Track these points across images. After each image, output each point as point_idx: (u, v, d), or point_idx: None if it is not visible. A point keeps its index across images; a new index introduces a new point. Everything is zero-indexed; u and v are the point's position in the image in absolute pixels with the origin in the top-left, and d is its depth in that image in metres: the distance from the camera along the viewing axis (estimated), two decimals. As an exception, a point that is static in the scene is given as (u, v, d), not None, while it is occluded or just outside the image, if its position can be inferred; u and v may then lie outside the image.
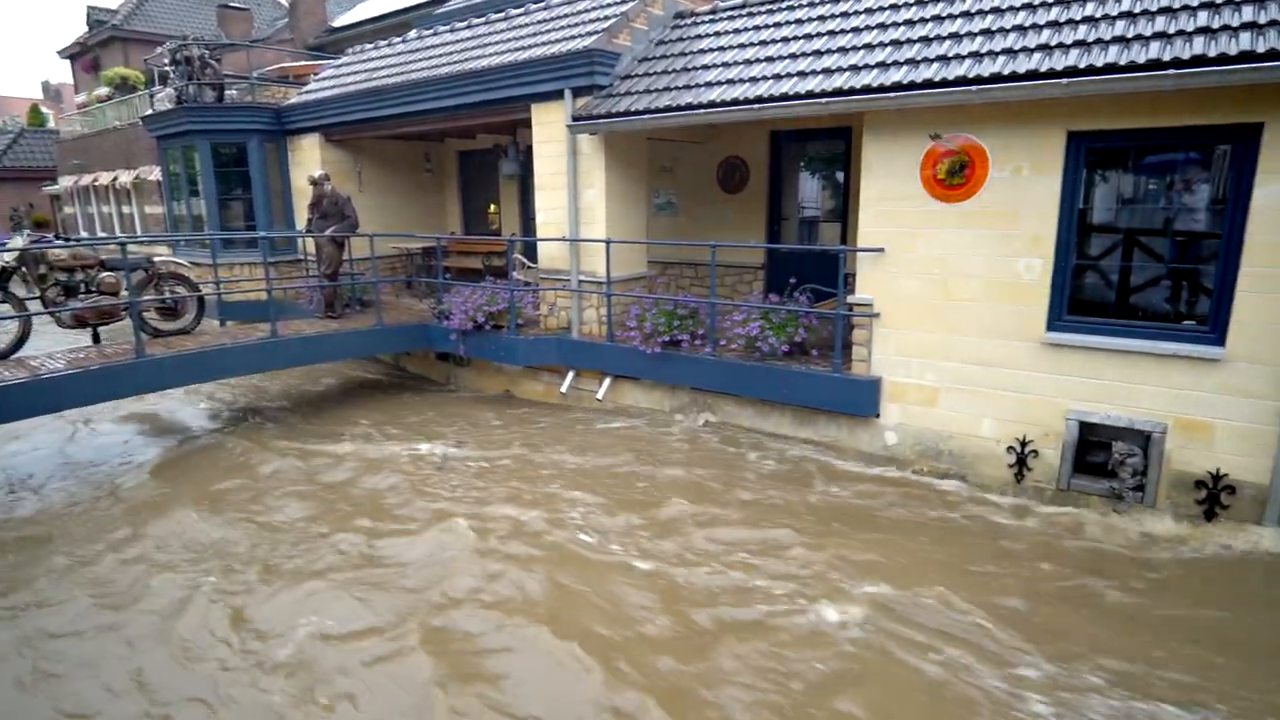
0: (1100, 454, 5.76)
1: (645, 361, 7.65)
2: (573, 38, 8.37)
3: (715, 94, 7.05)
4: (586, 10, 8.98)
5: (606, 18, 8.49)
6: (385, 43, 12.24)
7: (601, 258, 8.01)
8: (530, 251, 10.04)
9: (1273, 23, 4.89)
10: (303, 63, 16.30)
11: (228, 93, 12.33)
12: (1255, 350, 5.14)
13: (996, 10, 6.36)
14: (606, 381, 8.21)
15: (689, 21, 8.91)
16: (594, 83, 8.04)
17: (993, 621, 4.32)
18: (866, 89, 6.08)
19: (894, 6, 7.15)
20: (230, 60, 17.25)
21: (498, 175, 12.01)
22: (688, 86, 7.43)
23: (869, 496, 6.01)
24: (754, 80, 7.01)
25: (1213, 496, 5.38)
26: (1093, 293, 5.92)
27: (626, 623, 4.35)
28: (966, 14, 6.50)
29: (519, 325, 8.68)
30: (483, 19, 10.57)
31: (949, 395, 6.25)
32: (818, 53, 6.97)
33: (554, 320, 8.79)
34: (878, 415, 6.57)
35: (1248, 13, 5.08)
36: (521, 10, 10.07)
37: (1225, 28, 5.04)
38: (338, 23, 19.10)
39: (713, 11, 8.87)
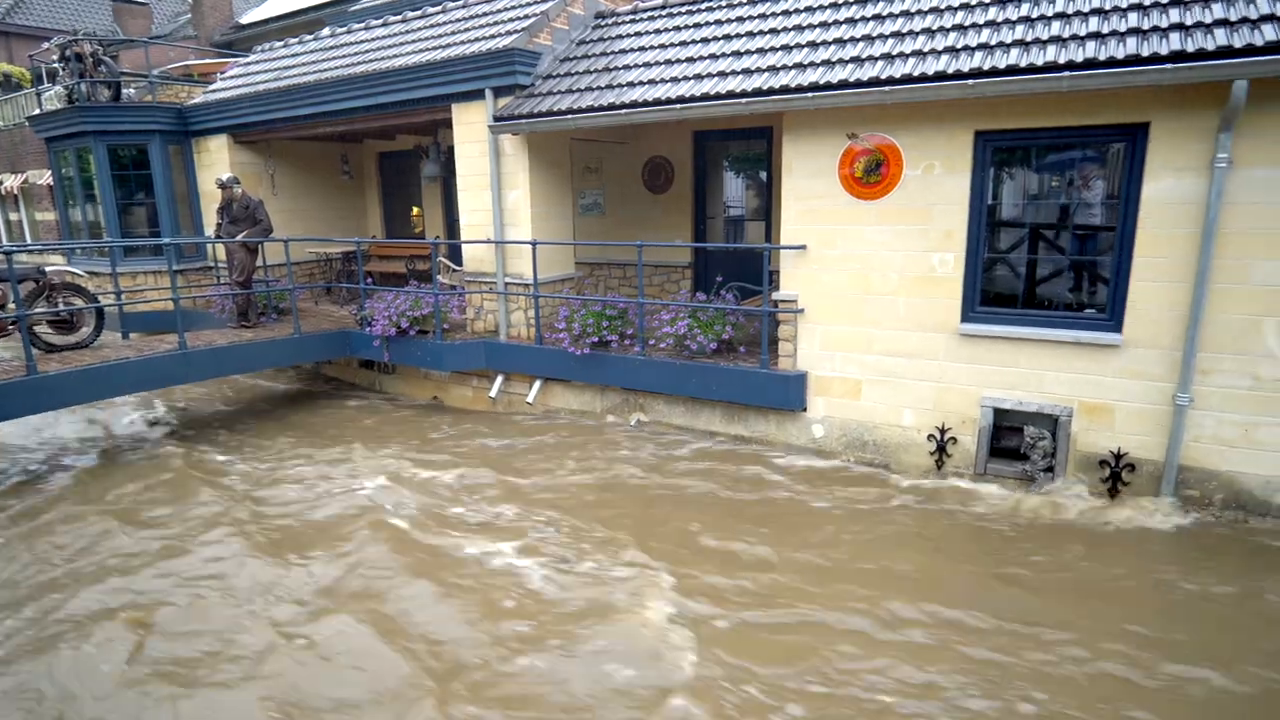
0: (1013, 438, 6.03)
1: (575, 363, 7.60)
2: (493, 37, 8.24)
3: (637, 94, 7.06)
4: (506, 9, 8.86)
5: (527, 17, 8.40)
6: (297, 40, 11.78)
7: (528, 259, 7.91)
8: (456, 254, 9.84)
9: (1155, 29, 5.22)
10: (208, 60, 15.54)
11: (125, 91, 11.62)
12: (1149, 336, 5.47)
13: (907, 14, 6.58)
14: (537, 385, 8.12)
15: (610, 21, 8.90)
16: (515, 82, 7.93)
17: (890, 591, 4.48)
18: (784, 89, 6.20)
19: (809, 9, 7.33)
20: (127, 58, 16.30)
21: (420, 177, 11.74)
22: (609, 86, 7.41)
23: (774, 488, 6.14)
24: (675, 80, 7.05)
25: (1115, 474, 5.71)
26: (1003, 285, 6.19)
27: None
28: (879, 17, 6.71)
29: (445, 330, 8.49)
30: (399, 17, 10.30)
31: (872, 387, 6.44)
32: (737, 53, 7.06)
33: (481, 324, 8.64)
34: (805, 409, 6.71)
35: (1133, 19, 5.40)
36: (439, 9, 9.86)
37: (1114, 33, 5.33)
38: (245, 19, 18.28)
39: (633, 12, 8.89)
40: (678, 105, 6.68)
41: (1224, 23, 5.05)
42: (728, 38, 7.43)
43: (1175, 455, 5.47)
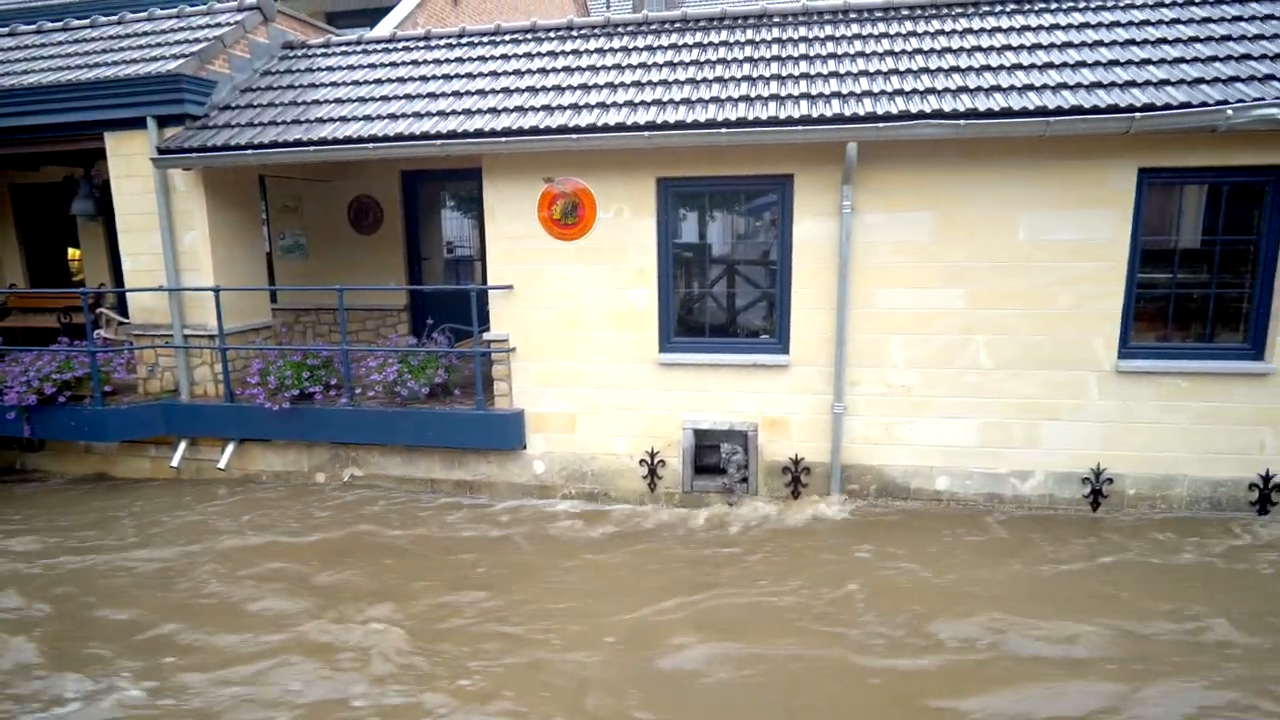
0: (713, 455, 6.61)
1: (274, 420, 6.89)
2: (157, 59, 7.31)
3: (328, 130, 6.68)
4: (172, 31, 7.93)
5: (198, 40, 7.59)
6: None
7: (212, 308, 7.06)
8: (125, 304, 8.46)
9: (790, 96, 6.14)
10: None
11: None
12: (809, 356, 6.35)
13: (593, 69, 7.05)
14: (230, 447, 7.21)
15: (299, 53, 8.37)
16: (185, 111, 7.10)
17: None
18: (479, 133, 6.27)
19: (504, 57, 7.54)
20: None
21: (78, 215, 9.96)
22: (298, 121, 6.94)
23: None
24: (369, 119, 6.80)
25: (796, 478, 6.50)
26: (695, 316, 6.80)
27: None
28: (568, 70, 7.10)
29: (109, 393, 7.24)
30: (33, 27, 8.74)
31: (586, 419, 6.67)
32: (433, 95, 7.02)
33: (157, 383, 7.50)
34: (525, 447, 6.75)
35: (774, 86, 6.31)
36: (88, 23, 8.53)
37: (759, 97, 6.18)
38: None
39: (326, 45, 8.46)
40: (370, 145, 6.44)
41: (838, 95, 6.11)
42: (424, 79, 7.37)
43: (838, 456, 6.39)
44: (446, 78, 7.34)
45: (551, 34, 7.92)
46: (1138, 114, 5.39)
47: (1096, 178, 5.81)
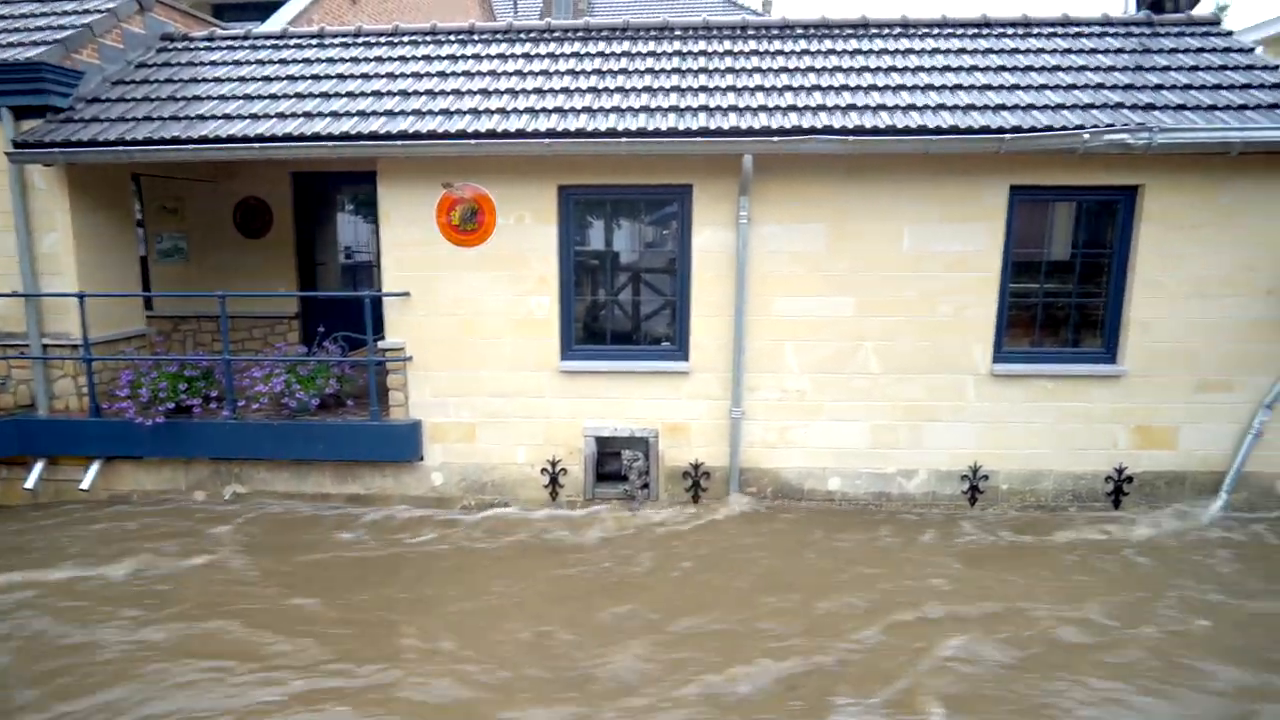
0: (615, 462, 6.62)
1: (146, 435, 6.43)
2: (15, 45, 6.73)
3: (211, 128, 6.33)
4: (36, 16, 7.32)
5: (65, 27, 7.04)
6: None
7: (75, 316, 6.53)
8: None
9: (689, 108, 6.26)
10: None
11: None
12: (708, 362, 6.46)
13: (493, 74, 6.98)
14: (95, 466, 6.66)
15: (180, 46, 7.90)
16: (47, 103, 6.57)
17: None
18: (374, 135, 6.09)
19: (402, 59, 7.37)
20: None
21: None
22: (176, 117, 6.53)
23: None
24: (256, 117, 6.48)
25: (696, 483, 6.59)
26: (597, 323, 6.80)
27: None
28: (468, 74, 7.00)
29: (-47, 409, 6.58)
30: None
31: (486, 429, 6.56)
32: (326, 95, 6.77)
33: (10, 398, 6.86)
34: (422, 458, 6.56)
35: (674, 98, 6.42)
36: (-69, 3, 7.77)
37: (659, 109, 6.27)
38: None
39: (210, 38, 8.02)
40: (257, 145, 6.13)
41: (736, 108, 6.27)
42: (317, 78, 7.10)
43: (737, 460, 6.52)
44: (341, 78, 7.10)
45: (452, 37, 7.80)
46: (1007, 135, 5.78)
47: (973, 194, 6.19)
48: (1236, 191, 6.07)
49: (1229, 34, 7.27)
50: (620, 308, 6.83)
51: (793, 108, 6.23)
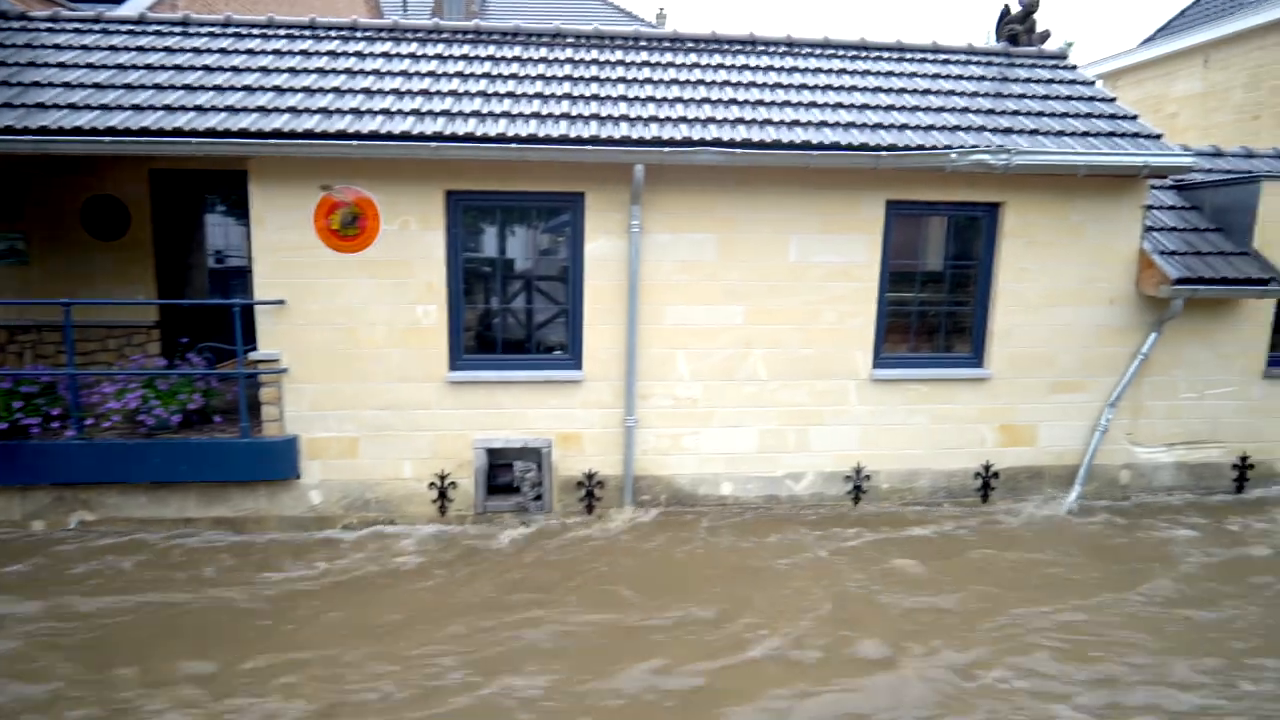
0: (507, 474, 6.47)
1: (-27, 460, 5.74)
2: None
3: (53, 119, 5.73)
4: None
5: None
6: None
7: (-115, 325, 5.76)
8: None
9: (580, 116, 6.21)
10: None
11: None
12: (601, 370, 6.43)
13: (377, 73, 6.69)
14: (-90, 496, 5.89)
15: (16, 25, 7.14)
16: None
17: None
18: (245, 133, 5.70)
19: (278, 53, 6.95)
20: None
21: None
22: (10, 105, 5.88)
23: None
24: (108, 109, 5.92)
25: (590, 492, 6.54)
26: (488, 332, 6.63)
27: None
28: (350, 72, 6.68)
29: None
30: None
31: (370, 443, 6.26)
32: (190, 88, 6.29)
33: None
34: (299, 476, 6.18)
35: (565, 105, 6.36)
36: None
37: (550, 115, 6.20)
38: None
39: (53, 19, 7.30)
40: (108, 139, 5.60)
41: (627, 118, 6.29)
42: (180, 69, 6.58)
43: (631, 469, 6.51)
44: (208, 70, 6.61)
45: (333, 33, 7.44)
46: (884, 152, 6.08)
47: (853, 207, 6.47)
48: (1083, 210, 6.64)
49: (1074, 68, 7.97)
50: (513, 316, 6.69)
51: (683, 119, 6.31)
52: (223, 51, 6.94)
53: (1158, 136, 6.61)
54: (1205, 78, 14.12)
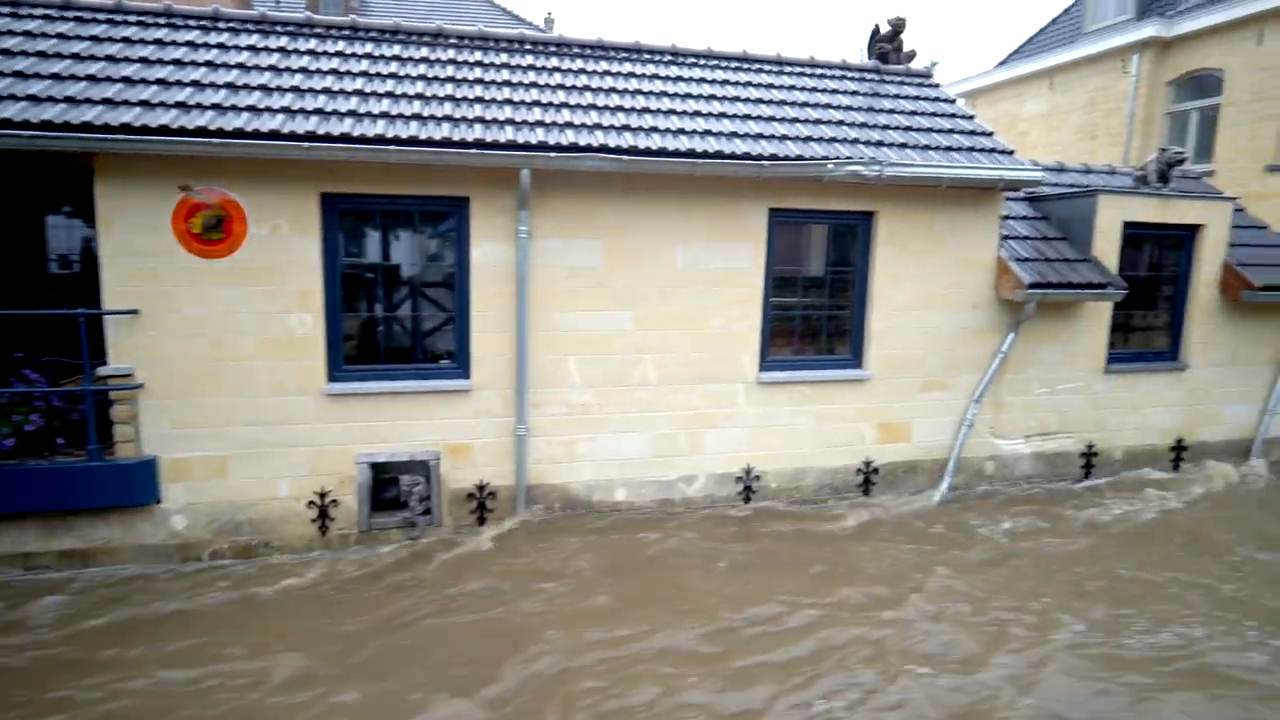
0: (393, 489, 6.21)
1: None
2: None
3: None
4: None
5: None
6: None
7: None
8: None
9: (464, 119, 6.06)
10: None
11: None
12: (491, 379, 6.30)
13: (242, 67, 6.28)
14: None
15: None
16: None
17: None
18: (88, 127, 5.20)
19: (128, 41, 6.40)
20: None
21: None
22: None
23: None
24: (-82, 96, 5.28)
25: (481, 504, 6.38)
26: (370, 342, 6.34)
27: None
28: (211, 64, 6.25)
29: None
30: None
31: (240, 462, 5.85)
32: (21, 75, 5.67)
33: None
34: (159, 500, 5.70)
35: (448, 107, 6.19)
36: None
37: (433, 117, 6.01)
38: None
39: None
40: (-82, 129, 4.99)
41: (513, 122, 6.19)
42: (9, 53, 5.93)
43: (523, 478, 6.41)
44: (43, 56, 5.99)
45: (192, 22, 6.92)
46: (766, 162, 6.28)
47: (737, 215, 6.64)
48: (947, 220, 7.10)
49: (938, 86, 8.52)
50: (397, 324, 6.44)
51: (570, 124, 6.28)
52: (61, 37, 6.30)
53: (1011, 152, 7.16)
54: (1051, 100, 15.49)
